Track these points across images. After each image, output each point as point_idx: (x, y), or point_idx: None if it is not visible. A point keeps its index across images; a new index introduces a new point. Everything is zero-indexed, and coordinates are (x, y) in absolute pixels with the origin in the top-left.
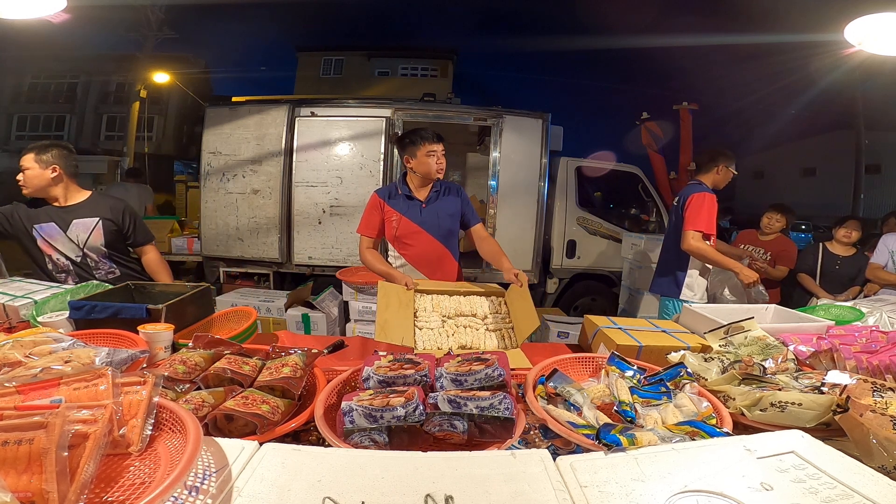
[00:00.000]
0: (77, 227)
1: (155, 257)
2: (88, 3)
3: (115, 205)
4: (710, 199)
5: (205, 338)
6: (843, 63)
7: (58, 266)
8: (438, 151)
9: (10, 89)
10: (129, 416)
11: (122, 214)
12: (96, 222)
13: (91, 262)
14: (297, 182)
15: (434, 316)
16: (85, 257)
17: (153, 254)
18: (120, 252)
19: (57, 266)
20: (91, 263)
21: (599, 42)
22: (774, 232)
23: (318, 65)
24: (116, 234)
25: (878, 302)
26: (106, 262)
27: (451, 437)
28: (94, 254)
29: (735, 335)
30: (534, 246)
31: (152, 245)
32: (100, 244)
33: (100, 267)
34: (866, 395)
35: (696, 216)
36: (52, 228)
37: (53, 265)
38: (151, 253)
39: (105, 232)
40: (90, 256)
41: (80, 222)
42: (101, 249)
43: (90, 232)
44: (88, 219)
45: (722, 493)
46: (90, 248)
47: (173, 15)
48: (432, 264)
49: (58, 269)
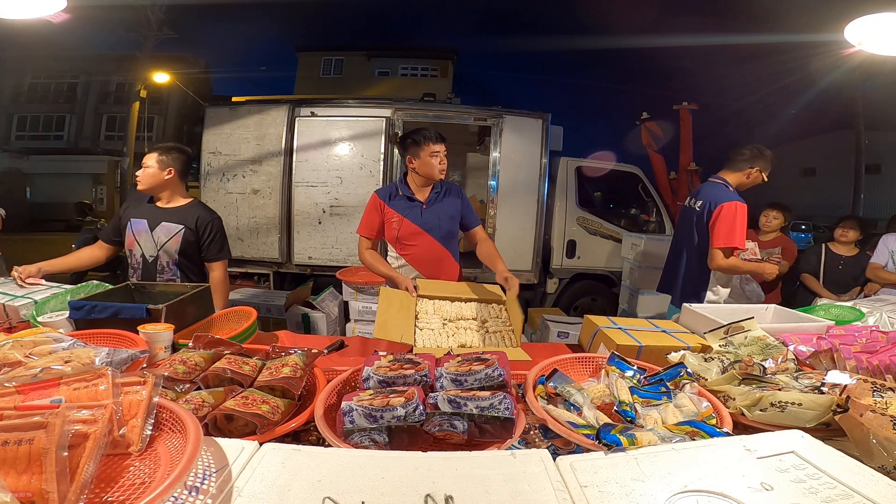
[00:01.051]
0: (162, 230)
1: (219, 276)
2: (88, 3)
3: (203, 216)
4: (742, 210)
5: (205, 338)
6: (843, 63)
7: (131, 262)
8: (441, 152)
9: (10, 89)
10: (129, 416)
11: (206, 226)
12: (179, 229)
13: (160, 266)
14: (297, 182)
15: (435, 318)
16: (157, 259)
17: (219, 272)
18: (191, 261)
19: (131, 262)
20: (159, 266)
21: (599, 42)
22: (773, 230)
23: (318, 65)
24: (193, 245)
25: (878, 302)
26: (173, 268)
27: (451, 437)
28: (166, 257)
29: (735, 335)
30: (534, 246)
31: (222, 263)
32: (174, 250)
33: (165, 272)
34: (866, 395)
35: (729, 232)
36: (142, 225)
37: (130, 262)
38: (217, 271)
39: (183, 240)
40: (161, 259)
41: (167, 226)
42: (173, 255)
43: (171, 236)
44: (175, 224)
45: (722, 493)
46: (165, 251)
47: (173, 15)
48: (433, 265)
49: (131, 265)
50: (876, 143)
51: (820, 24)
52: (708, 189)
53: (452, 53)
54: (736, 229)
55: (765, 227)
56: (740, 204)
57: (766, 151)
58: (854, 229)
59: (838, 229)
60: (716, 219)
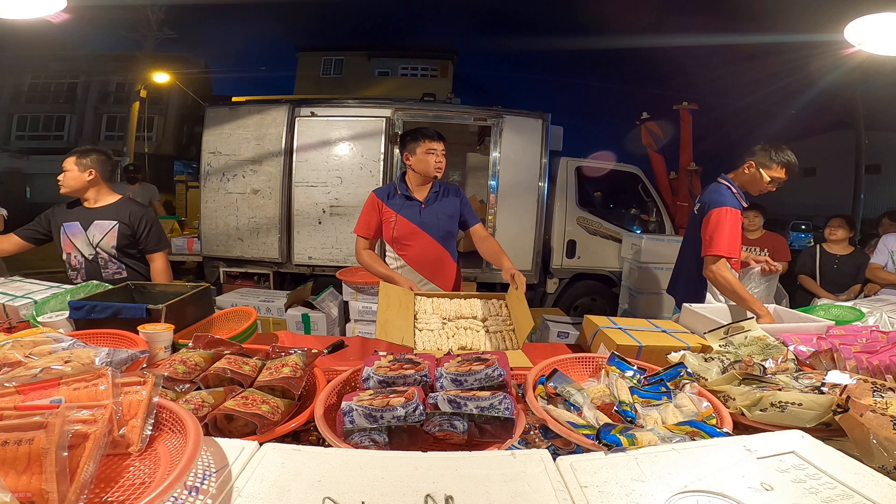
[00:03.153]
0: (96, 228)
1: (159, 266)
2: (88, 3)
3: (135, 211)
4: (732, 214)
5: (205, 338)
6: (843, 63)
7: (72, 264)
8: (438, 150)
9: (10, 89)
10: (129, 416)
11: (139, 220)
12: (113, 225)
13: (101, 262)
14: (297, 182)
15: (434, 318)
16: (97, 256)
17: (159, 262)
18: (129, 256)
19: (71, 264)
20: (101, 262)
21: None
22: (757, 229)
23: (318, 65)
24: (129, 239)
25: (878, 302)
26: (115, 263)
27: (451, 438)
28: (105, 253)
29: (735, 335)
30: (534, 246)
31: (162, 254)
32: (111, 245)
33: (108, 266)
34: (866, 395)
35: (716, 238)
36: (75, 227)
37: (69, 263)
38: (158, 262)
39: (119, 235)
40: (101, 256)
41: (100, 223)
42: (111, 251)
43: (105, 233)
44: (108, 221)
45: (722, 493)
46: (102, 248)
47: (173, 15)
48: (431, 265)
49: (72, 267)
50: (876, 143)
51: (820, 24)
52: (708, 191)
53: (452, 53)
54: (724, 236)
55: (750, 227)
56: (731, 210)
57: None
58: (842, 227)
59: (826, 228)
60: (706, 225)
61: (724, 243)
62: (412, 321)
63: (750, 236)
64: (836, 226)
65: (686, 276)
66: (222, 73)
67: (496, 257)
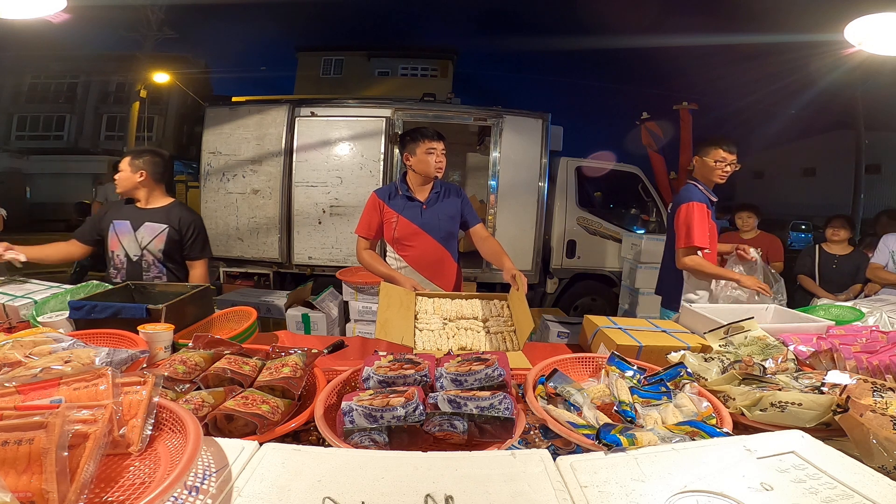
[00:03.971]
0: (146, 230)
1: (199, 274)
2: (88, 3)
3: (185, 216)
4: (696, 207)
5: (205, 338)
6: (843, 63)
7: (115, 263)
8: (438, 150)
9: (10, 89)
10: (129, 416)
11: (189, 226)
12: (163, 229)
13: (144, 264)
14: (297, 182)
15: (435, 318)
16: (141, 258)
17: (199, 270)
18: (173, 261)
19: (114, 263)
20: (144, 265)
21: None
22: (751, 229)
23: (318, 65)
24: (176, 244)
25: (878, 302)
26: (157, 266)
27: (451, 437)
28: (150, 256)
29: (735, 335)
30: (534, 246)
31: (203, 262)
32: (158, 249)
33: (150, 270)
34: (866, 395)
35: (685, 231)
36: (125, 226)
37: (112, 262)
38: (198, 269)
39: (167, 239)
40: (146, 258)
41: (150, 225)
42: (158, 254)
43: (155, 236)
44: (158, 224)
45: (722, 493)
46: (149, 250)
47: (173, 15)
48: (432, 266)
49: (114, 266)
50: (876, 143)
51: (820, 24)
52: (680, 191)
53: (452, 53)
54: (693, 228)
55: (744, 227)
56: (695, 203)
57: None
58: (844, 228)
59: (829, 229)
60: (676, 221)
61: (694, 235)
62: (412, 321)
63: (744, 236)
64: (838, 226)
65: (667, 275)
66: (222, 73)
67: (497, 258)
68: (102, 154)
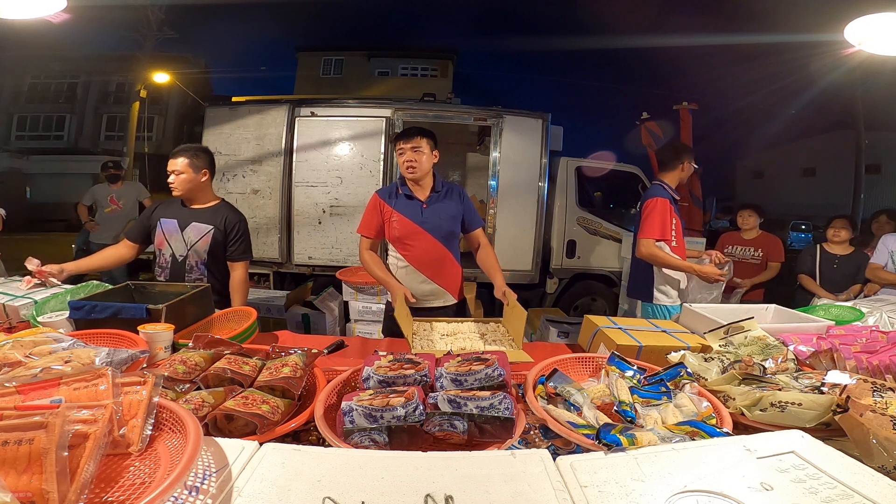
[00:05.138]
0: (192, 230)
1: (239, 275)
2: (88, 3)
3: (231, 217)
4: (661, 203)
5: (205, 338)
6: (843, 63)
7: (160, 262)
8: (407, 149)
9: (10, 89)
10: (129, 416)
11: (234, 227)
12: (209, 230)
13: (188, 266)
14: (297, 182)
15: (434, 333)
16: (186, 258)
17: (240, 272)
18: (217, 261)
19: (159, 262)
20: (188, 266)
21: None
22: (752, 228)
23: (318, 65)
24: (220, 245)
25: (878, 302)
26: (201, 268)
27: (451, 437)
28: (195, 257)
29: (735, 335)
30: (534, 246)
31: (244, 264)
32: (204, 250)
33: (193, 271)
34: (866, 395)
35: (648, 223)
36: (172, 225)
37: (157, 260)
38: (239, 271)
39: (213, 240)
40: (190, 259)
41: (197, 226)
42: (202, 255)
43: (201, 237)
44: (205, 225)
45: (722, 493)
46: (195, 251)
47: (173, 15)
48: (434, 265)
49: (158, 265)
50: (876, 143)
51: (820, 24)
52: (646, 192)
53: (452, 53)
54: (655, 221)
55: (745, 226)
56: (660, 199)
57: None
58: (846, 228)
59: (830, 230)
60: (641, 214)
61: (655, 227)
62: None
63: (745, 236)
64: (839, 227)
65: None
66: (222, 73)
67: (490, 272)
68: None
